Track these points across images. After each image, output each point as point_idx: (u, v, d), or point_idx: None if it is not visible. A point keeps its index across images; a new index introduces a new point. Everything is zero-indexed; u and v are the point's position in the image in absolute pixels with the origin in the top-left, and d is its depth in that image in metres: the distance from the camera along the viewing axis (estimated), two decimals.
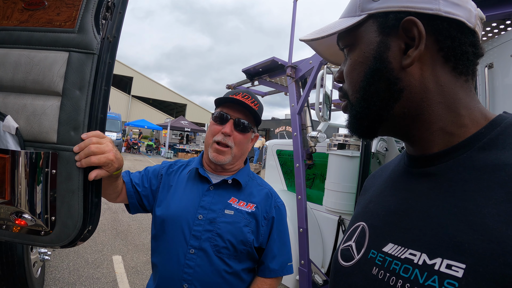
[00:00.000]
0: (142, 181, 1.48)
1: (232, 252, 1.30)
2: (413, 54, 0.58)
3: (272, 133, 21.82)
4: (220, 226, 1.31)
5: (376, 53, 0.62)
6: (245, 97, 1.38)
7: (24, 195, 0.90)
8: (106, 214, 6.97)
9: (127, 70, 42.06)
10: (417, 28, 0.57)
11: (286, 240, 1.45)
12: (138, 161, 19.56)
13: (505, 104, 1.98)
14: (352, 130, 0.69)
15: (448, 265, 0.46)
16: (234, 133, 1.38)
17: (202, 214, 1.33)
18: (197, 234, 1.30)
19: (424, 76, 0.59)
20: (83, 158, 0.96)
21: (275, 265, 1.39)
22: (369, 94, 0.63)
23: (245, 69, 3.97)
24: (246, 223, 1.34)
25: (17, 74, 0.97)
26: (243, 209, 1.36)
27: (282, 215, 1.45)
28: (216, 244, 1.29)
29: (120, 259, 4.80)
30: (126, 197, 1.43)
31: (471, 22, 0.58)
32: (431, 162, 0.60)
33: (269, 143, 5.18)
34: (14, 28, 0.99)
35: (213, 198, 1.37)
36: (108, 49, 1.00)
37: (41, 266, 3.46)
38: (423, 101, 0.59)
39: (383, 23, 0.61)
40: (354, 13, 0.65)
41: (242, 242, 1.31)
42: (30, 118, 0.97)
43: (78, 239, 0.97)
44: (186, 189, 1.42)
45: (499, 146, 0.52)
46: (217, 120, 1.39)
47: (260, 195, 1.44)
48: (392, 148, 3.10)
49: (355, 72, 0.65)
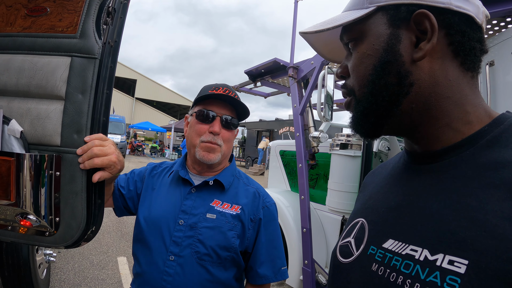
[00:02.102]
0: (128, 183, 1.43)
1: (215, 260, 1.22)
2: (425, 47, 0.57)
3: (276, 134, 21.81)
4: (202, 232, 1.23)
5: (387, 45, 0.60)
6: (227, 92, 1.31)
7: (29, 196, 0.93)
8: (111, 216, 7.01)
9: (130, 72, 42.20)
10: (430, 21, 0.56)
11: (277, 243, 1.36)
12: (142, 163, 19.61)
13: (506, 102, 1.97)
14: (356, 128, 0.67)
15: (450, 261, 0.46)
16: (222, 130, 1.32)
17: (183, 219, 1.26)
18: (177, 240, 1.23)
19: (433, 70, 0.58)
20: (86, 160, 0.97)
21: (266, 270, 1.30)
22: (378, 88, 0.61)
23: (247, 70, 3.99)
24: (230, 227, 1.25)
25: (21, 79, 0.99)
26: (227, 211, 1.28)
27: (271, 216, 1.36)
28: (198, 251, 1.21)
29: (125, 260, 4.83)
30: (112, 200, 1.40)
31: (479, 18, 0.58)
32: (434, 158, 0.60)
33: (272, 143, 5.18)
34: (17, 34, 1.02)
35: (195, 202, 1.29)
36: (109, 54, 1.01)
37: (46, 267, 3.50)
38: (431, 95, 0.58)
39: (394, 15, 0.60)
40: (362, 6, 0.63)
41: (226, 248, 1.23)
42: (34, 122, 0.99)
43: (82, 239, 0.99)
44: (168, 193, 1.35)
45: (503, 144, 0.52)
46: (201, 119, 1.31)
47: (247, 196, 1.35)
48: (395, 147, 3.10)
49: (363, 66, 0.64)
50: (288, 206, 3.97)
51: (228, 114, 1.34)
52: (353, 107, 0.67)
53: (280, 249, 1.37)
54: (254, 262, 1.31)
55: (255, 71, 3.93)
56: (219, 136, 1.31)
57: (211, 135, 1.29)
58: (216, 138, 1.30)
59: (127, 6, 1.05)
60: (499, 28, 2.08)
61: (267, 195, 1.41)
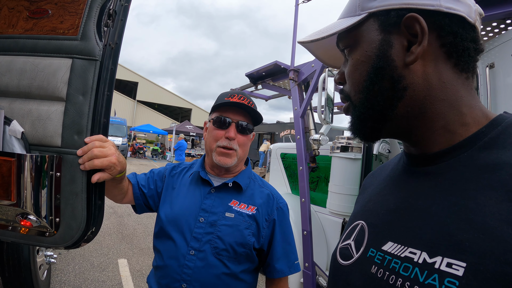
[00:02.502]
0: (148, 183, 1.51)
1: (232, 255, 1.32)
2: (416, 50, 0.57)
3: (277, 137, 21.82)
4: (221, 229, 1.32)
5: (379, 51, 0.61)
6: (242, 99, 1.39)
7: (30, 197, 0.93)
8: (112, 218, 7.02)
9: (132, 75, 42.29)
10: (419, 24, 0.56)
11: (291, 240, 1.46)
12: (143, 165, 19.65)
13: (507, 104, 1.97)
14: (355, 132, 0.68)
15: (448, 263, 0.46)
16: (238, 135, 1.39)
17: (204, 217, 1.35)
18: (198, 236, 1.32)
19: (427, 73, 0.58)
20: (86, 161, 0.98)
21: (282, 265, 1.40)
22: (372, 93, 0.62)
23: (248, 73, 3.99)
24: (246, 225, 1.35)
25: (22, 80, 1.00)
26: (243, 211, 1.38)
27: (284, 216, 1.47)
28: (216, 247, 1.30)
29: (126, 262, 4.83)
30: (133, 198, 1.47)
31: (471, 17, 0.58)
32: (432, 161, 0.60)
33: (273, 146, 5.18)
34: (19, 36, 1.03)
35: (214, 201, 1.39)
36: (110, 56, 1.02)
37: (47, 269, 3.50)
38: (426, 98, 0.59)
39: (384, 21, 0.60)
40: (354, 13, 0.64)
41: (242, 245, 1.32)
42: (35, 123, 1.00)
43: (81, 240, 1.00)
44: (188, 192, 1.44)
45: (500, 146, 0.52)
46: (218, 125, 1.40)
47: (262, 197, 1.45)
48: (395, 149, 3.09)
49: (358, 72, 0.64)
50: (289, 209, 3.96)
51: (243, 119, 1.41)
52: (350, 112, 0.68)
53: (293, 244, 1.47)
54: (271, 259, 1.41)
55: (256, 74, 3.94)
56: (235, 141, 1.39)
57: (227, 140, 1.38)
58: (232, 143, 1.38)
59: (128, 9, 1.06)
60: (499, 30, 2.08)
61: (280, 196, 1.52)
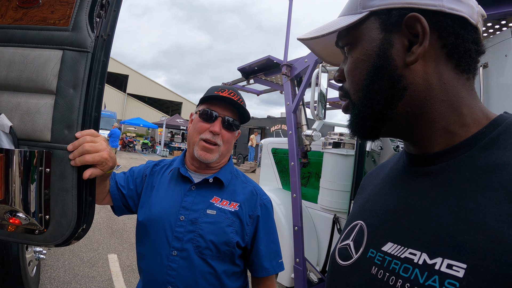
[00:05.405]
0: (127, 182, 1.46)
1: (215, 253, 1.28)
2: (417, 50, 0.57)
3: (267, 131, 21.84)
4: (202, 227, 1.28)
5: (379, 50, 0.60)
6: (232, 94, 1.36)
7: (18, 193, 0.90)
8: (102, 212, 6.95)
9: (122, 68, 41.86)
10: (421, 24, 0.56)
11: (275, 238, 1.43)
12: (133, 159, 19.48)
13: (499, 103, 1.99)
14: (354, 130, 0.67)
15: (448, 265, 0.46)
16: (223, 131, 1.36)
17: (184, 215, 1.30)
18: (179, 236, 1.28)
19: (427, 73, 0.58)
20: (77, 157, 0.95)
21: (266, 263, 1.37)
22: (372, 92, 0.62)
23: (240, 68, 3.97)
24: (229, 222, 1.31)
25: (11, 72, 0.96)
26: (226, 208, 1.33)
27: (268, 212, 1.43)
28: (199, 245, 1.26)
29: (116, 257, 4.80)
30: (111, 199, 1.42)
31: (473, 19, 0.57)
32: (432, 161, 0.60)
33: (264, 141, 5.18)
34: (8, 26, 0.99)
35: (195, 198, 1.34)
36: (102, 47, 0.99)
37: (36, 265, 3.45)
38: (426, 99, 0.58)
39: (386, 20, 0.60)
40: (355, 11, 0.64)
41: (225, 243, 1.28)
42: (24, 117, 0.96)
43: (72, 237, 0.97)
44: (168, 190, 1.39)
45: (500, 146, 0.52)
46: (204, 118, 1.36)
47: (245, 193, 1.40)
48: (387, 146, 3.11)
49: (357, 71, 0.64)
50: (279, 204, 3.98)
51: (230, 115, 1.38)
52: (350, 110, 0.68)
53: (277, 242, 1.44)
54: (255, 256, 1.38)
55: (248, 68, 3.92)
56: (219, 136, 1.35)
57: (211, 133, 1.34)
58: (215, 137, 1.34)
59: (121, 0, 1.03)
60: (493, 31, 2.10)
61: (264, 192, 1.47)
